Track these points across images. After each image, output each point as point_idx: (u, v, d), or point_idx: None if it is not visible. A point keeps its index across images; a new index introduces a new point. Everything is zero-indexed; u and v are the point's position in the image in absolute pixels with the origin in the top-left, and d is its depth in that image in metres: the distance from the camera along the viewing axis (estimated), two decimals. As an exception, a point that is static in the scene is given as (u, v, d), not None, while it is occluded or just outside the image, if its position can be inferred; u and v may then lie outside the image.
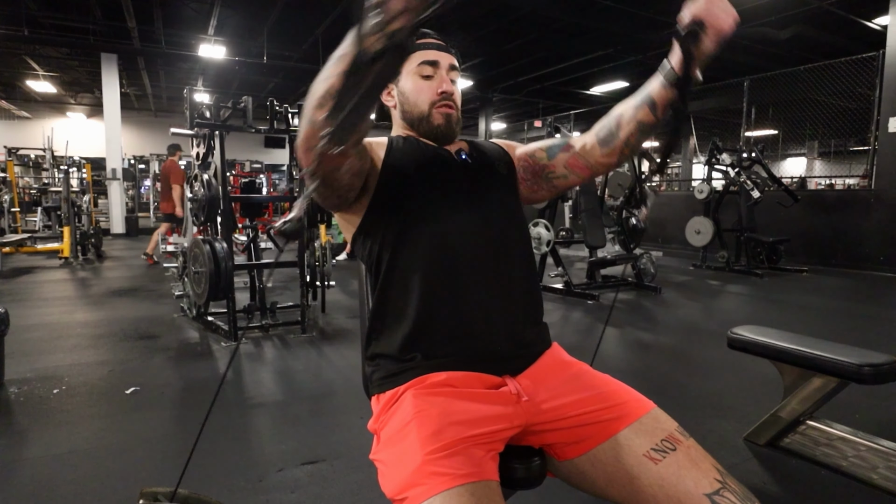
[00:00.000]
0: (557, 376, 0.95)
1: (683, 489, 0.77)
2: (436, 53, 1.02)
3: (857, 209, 6.53)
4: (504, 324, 0.95)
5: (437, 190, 0.98)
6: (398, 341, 0.93)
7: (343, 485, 1.66)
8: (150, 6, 8.35)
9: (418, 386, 0.88)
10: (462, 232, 0.95)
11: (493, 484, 0.76)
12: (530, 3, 7.47)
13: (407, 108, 1.04)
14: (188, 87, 3.54)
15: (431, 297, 0.92)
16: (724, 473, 0.80)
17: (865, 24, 8.15)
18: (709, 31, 0.79)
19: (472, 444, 0.79)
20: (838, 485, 1.67)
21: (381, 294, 0.96)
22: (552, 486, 1.02)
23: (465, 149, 1.07)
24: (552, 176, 1.08)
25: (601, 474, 0.85)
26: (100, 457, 1.85)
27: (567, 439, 0.88)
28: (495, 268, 0.96)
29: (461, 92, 1.09)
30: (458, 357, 0.91)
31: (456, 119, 1.04)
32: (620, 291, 5.18)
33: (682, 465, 0.80)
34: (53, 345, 3.20)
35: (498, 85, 13.03)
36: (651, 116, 0.92)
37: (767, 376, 2.43)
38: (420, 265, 0.93)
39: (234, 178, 7.46)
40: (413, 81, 1.02)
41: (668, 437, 0.84)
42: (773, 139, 14.07)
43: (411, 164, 0.98)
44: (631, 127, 0.95)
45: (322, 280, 4.00)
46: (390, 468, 0.80)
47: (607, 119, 0.99)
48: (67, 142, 11.48)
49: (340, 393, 2.49)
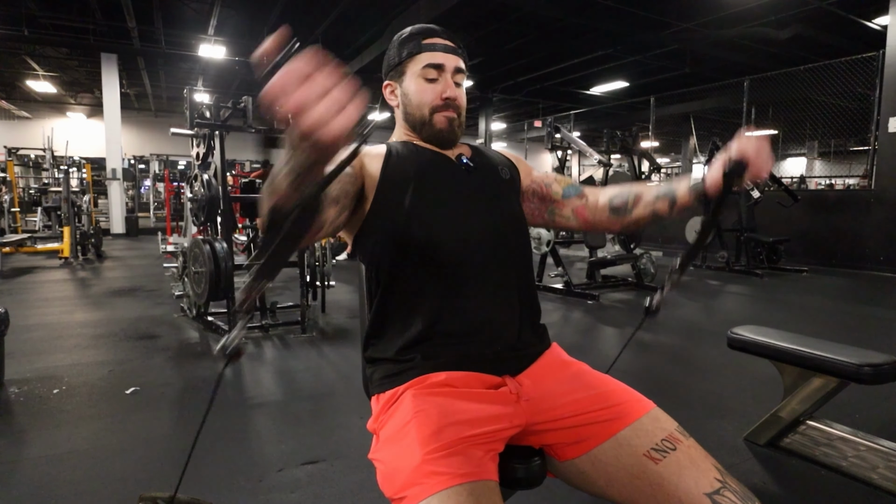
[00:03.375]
0: (557, 376, 0.95)
1: (684, 489, 0.78)
2: (443, 56, 1.01)
3: (857, 209, 6.53)
4: (503, 324, 0.95)
5: (436, 195, 0.98)
6: (398, 343, 0.93)
7: (343, 485, 1.66)
8: (150, 6, 8.35)
9: (418, 386, 0.89)
10: (462, 236, 0.95)
11: (492, 484, 0.76)
12: (530, 3, 7.47)
13: (409, 111, 1.04)
14: (188, 87, 3.54)
15: (432, 300, 0.92)
16: (725, 473, 0.80)
17: (865, 24, 8.14)
18: (749, 173, 0.86)
19: (472, 443, 0.79)
20: (838, 485, 1.67)
21: (382, 297, 0.96)
22: (552, 486, 1.02)
23: (467, 153, 1.07)
24: (557, 212, 1.12)
25: (601, 474, 0.85)
26: (100, 457, 1.85)
27: (567, 439, 0.88)
28: (495, 271, 0.96)
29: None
30: (458, 358, 0.91)
31: (458, 123, 1.04)
32: (620, 291, 5.18)
33: (683, 464, 0.80)
34: (53, 345, 3.20)
35: (498, 85, 13.03)
36: (667, 211, 1.00)
37: (767, 376, 2.43)
38: (420, 269, 0.93)
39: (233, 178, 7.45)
40: (417, 84, 1.02)
41: (668, 436, 0.84)
42: (773, 139, 14.08)
43: (410, 171, 0.98)
44: (646, 211, 1.02)
45: (322, 280, 4.00)
46: (389, 467, 0.80)
47: (624, 191, 1.06)
48: (67, 142, 11.49)
49: (340, 393, 2.49)
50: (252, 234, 4.01)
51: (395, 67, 1.04)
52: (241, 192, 4.51)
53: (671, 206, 0.98)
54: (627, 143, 5.47)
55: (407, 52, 1.01)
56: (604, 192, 1.08)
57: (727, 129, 13.24)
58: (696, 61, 10.61)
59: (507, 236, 1.00)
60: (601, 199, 1.07)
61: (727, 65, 10.31)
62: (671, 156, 21.21)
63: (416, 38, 1.01)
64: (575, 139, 5.39)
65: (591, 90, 13.32)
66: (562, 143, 5.37)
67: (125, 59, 10.98)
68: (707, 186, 0.91)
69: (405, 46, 1.02)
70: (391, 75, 1.06)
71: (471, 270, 0.94)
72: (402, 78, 1.04)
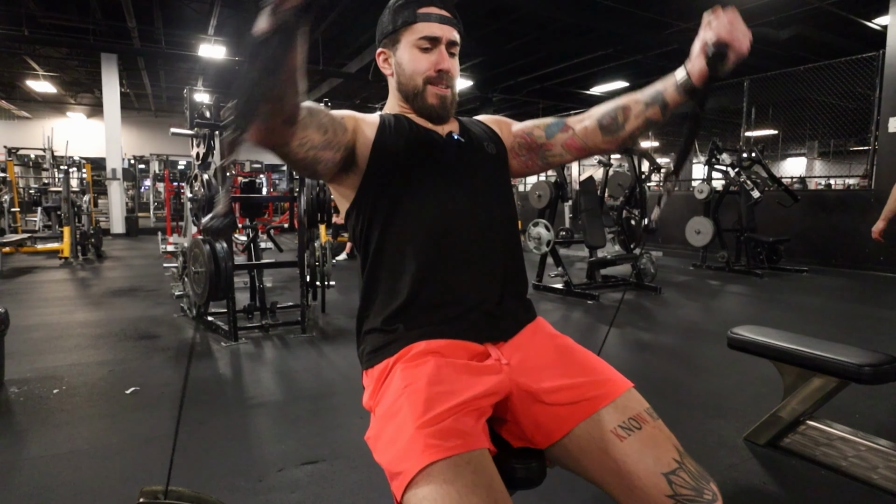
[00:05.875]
0: (542, 347, 0.98)
1: (644, 466, 0.80)
2: (439, 27, 1.00)
3: (857, 209, 6.52)
4: (484, 293, 0.98)
5: (426, 170, 1.00)
6: (385, 315, 0.96)
7: (343, 485, 1.67)
8: (150, 6, 8.35)
9: (405, 358, 0.91)
10: (449, 210, 0.98)
11: (486, 452, 0.78)
12: (530, 3, 7.47)
13: (402, 80, 1.04)
14: (188, 87, 3.54)
15: (417, 272, 0.95)
16: (684, 454, 0.83)
17: (865, 24, 8.14)
18: (731, 52, 0.84)
19: (462, 412, 0.81)
20: (838, 485, 1.67)
21: (371, 271, 1.00)
22: (552, 486, 1.03)
23: (456, 130, 1.09)
24: (548, 154, 1.11)
25: (576, 449, 0.87)
26: (100, 457, 1.85)
27: (555, 418, 0.88)
28: (479, 244, 0.99)
29: (459, 68, 1.09)
30: (439, 325, 0.94)
31: (450, 100, 1.05)
32: (620, 291, 5.18)
33: (645, 443, 0.83)
34: (53, 345, 3.20)
35: (498, 85, 13.03)
36: (660, 116, 0.97)
37: (767, 376, 2.43)
38: (407, 243, 0.96)
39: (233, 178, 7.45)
40: (410, 53, 1.02)
41: (636, 415, 0.86)
42: (773, 139, 14.07)
43: (402, 144, 0.99)
44: (639, 122, 1.00)
45: (322, 280, 4.00)
46: (384, 443, 0.81)
47: (611, 108, 1.02)
48: (67, 142, 11.50)
49: (340, 393, 2.49)
50: (252, 234, 4.01)
51: (389, 35, 1.04)
52: (240, 192, 4.51)
53: (663, 110, 0.96)
54: (627, 144, 5.46)
55: (402, 21, 1.01)
56: (589, 116, 1.05)
57: (727, 129, 13.23)
58: (696, 61, 10.59)
59: (493, 210, 1.03)
60: (588, 124, 1.05)
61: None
62: (671, 156, 21.22)
63: (411, 6, 1.01)
64: (575, 139, 5.37)
65: (591, 90, 13.31)
66: (562, 143, 5.35)
67: (125, 59, 10.98)
68: (694, 78, 0.89)
69: (400, 14, 1.01)
70: (385, 43, 1.06)
71: (455, 243, 0.97)
72: (397, 46, 1.03)
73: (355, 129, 0.99)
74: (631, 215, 5.43)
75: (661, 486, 0.79)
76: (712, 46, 0.83)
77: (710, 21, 0.85)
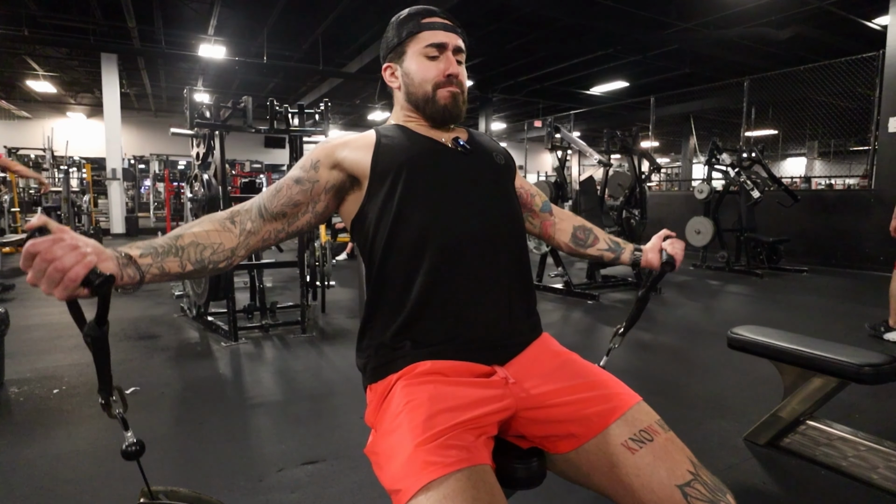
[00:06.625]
0: (547, 364, 0.96)
1: (657, 479, 0.79)
2: (444, 35, 1.01)
3: (857, 209, 6.52)
4: (493, 313, 0.96)
5: (427, 181, 0.97)
6: (391, 330, 0.94)
7: (343, 485, 1.67)
8: (150, 6, 8.35)
9: (408, 376, 0.89)
10: (455, 223, 0.95)
11: (487, 468, 0.77)
12: (530, 3, 7.47)
13: (412, 90, 1.03)
14: (188, 87, 3.54)
15: (423, 286, 0.92)
16: (698, 466, 0.81)
17: (865, 24, 8.14)
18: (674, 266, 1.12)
19: (464, 429, 0.80)
20: (838, 485, 1.67)
21: (376, 283, 0.97)
22: (552, 486, 1.03)
23: (464, 137, 1.07)
24: (529, 219, 1.22)
25: (587, 464, 0.86)
26: (100, 457, 1.85)
27: (560, 432, 0.88)
28: (487, 258, 0.96)
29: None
30: (448, 345, 0.92)
31: (462, 99, 1.04)
32: (620, 291, 5.18)
33: (658, 455, 0.81)
34: (53, 345, 3.20)
35: (498, 85, 13.03)
36: (608, 260, 1.22)
37: (767, 376, 2.43)
38: (413, 256, 0.94)
39: (234, 178, 7.46)
40: (418, 62, 1.01)
41: (646, 427, 0.85)
42: (773, 139, 14.08)
43: (402, 157, 0.97)
44: (595, 252, 1.22)
45: (322, 280, 4.00)
46: (384, 459, 0.81)
47: (587, 227, 1.24)
48: (67, 142, 11.51)
49: (340, 393, 2.49)
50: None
51: (394, 48, 1.04)
52: (240, 192, 4.51)
53: (612, 260, 1.21)
54: (627, 143, 5.46)
55: (407, 32, 1.01)
56: (568, 221, 1.24)
57: (727, 129, 13.24)
58: (696, 61, 10.61)
59: (500, 221, 1.00)
60: (566, 227, 1.23)
61: (727, 65, 10.31)
62: (671, 156, 21.20)
63: (415, 18, 1.01)
64: (575, 139, 5.38)
65: (591, 90, 13.31)
66: (562, 143, 5.36)
67: (125, 59, 10.97)
68: (643, 264, 1.15)
69: (404, 27, 1.02)
70: (390, 57, 1.06)
71: (461, 255, 0.94)
72: (403, 58, 1.03)
73: (335, 164, 0.97)
74: (631, 215, 5.43)
75: (676, 499, 0.77)
76: (667, 256, 1.12)
77: (673, 242, 1.13)
